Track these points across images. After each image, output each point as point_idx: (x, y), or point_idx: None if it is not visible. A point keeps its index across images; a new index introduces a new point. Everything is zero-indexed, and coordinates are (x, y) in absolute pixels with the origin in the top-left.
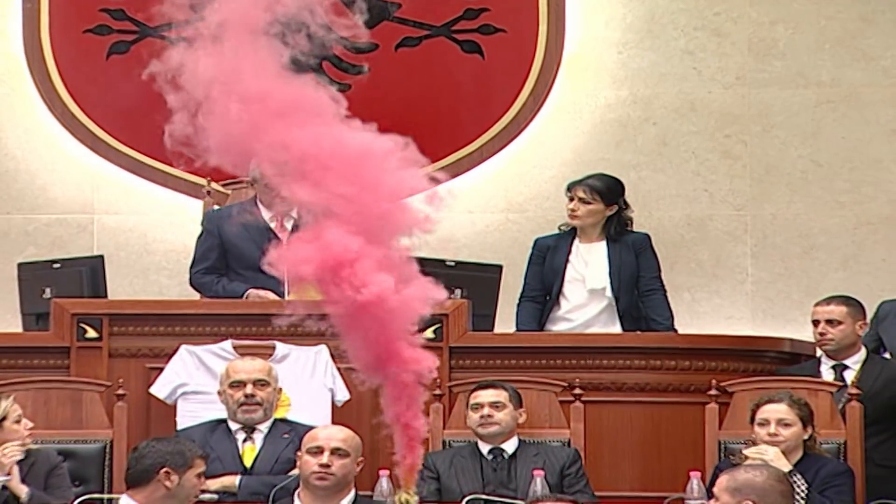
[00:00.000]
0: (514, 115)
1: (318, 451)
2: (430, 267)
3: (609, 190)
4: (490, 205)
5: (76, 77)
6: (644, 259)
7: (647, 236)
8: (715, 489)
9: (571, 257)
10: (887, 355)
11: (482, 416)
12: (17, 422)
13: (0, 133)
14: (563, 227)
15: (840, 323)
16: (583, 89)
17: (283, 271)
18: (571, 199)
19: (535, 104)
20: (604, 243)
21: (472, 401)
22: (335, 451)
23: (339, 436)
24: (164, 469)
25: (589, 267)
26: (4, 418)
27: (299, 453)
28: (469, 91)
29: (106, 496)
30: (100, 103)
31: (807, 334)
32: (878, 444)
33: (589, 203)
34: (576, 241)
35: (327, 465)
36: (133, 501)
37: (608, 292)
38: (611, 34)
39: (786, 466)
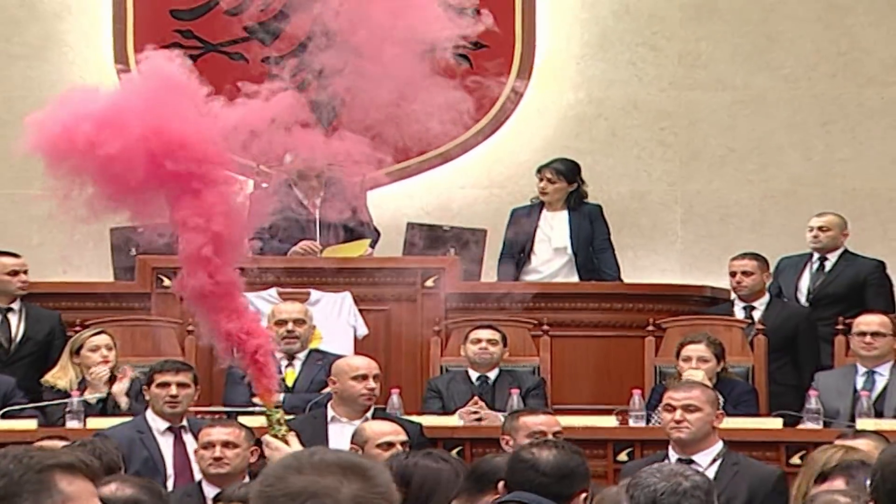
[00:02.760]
0: (496, 111)
1: (364, 377)
2: (430, 231)
3: (570, 171)
4: (477, 182)
5: None
6: (597, 225)
7: (600, 207)
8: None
9: (540, 223)
10: (785, 299)
11: (481, 348)
12: (93, 350)
13: None
14: (534, 200)
15: (751, 274)
16: (549, 92)
17: None
18: (541, 179)
19: (513, 104)
20: (565, 212)
21: (471, 336)
22: (376, 377)
23: (375, 364)
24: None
25: (554, 231)
26: (82, 346)
27: (332, 378)
28: None
29: None
30: None
31: (724, 283)
32: (778, 367)
33: (554, 182)
34: (544, 211)
35: (373, 389)
36: None
37: (569, 250)
38: (571, 48)
39: (709, 384)
